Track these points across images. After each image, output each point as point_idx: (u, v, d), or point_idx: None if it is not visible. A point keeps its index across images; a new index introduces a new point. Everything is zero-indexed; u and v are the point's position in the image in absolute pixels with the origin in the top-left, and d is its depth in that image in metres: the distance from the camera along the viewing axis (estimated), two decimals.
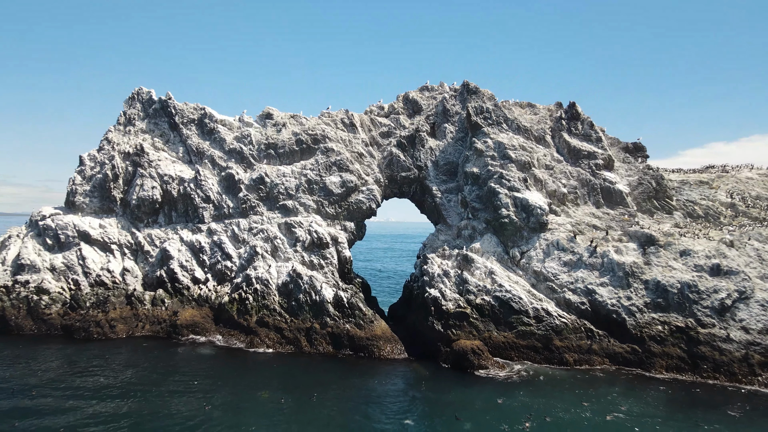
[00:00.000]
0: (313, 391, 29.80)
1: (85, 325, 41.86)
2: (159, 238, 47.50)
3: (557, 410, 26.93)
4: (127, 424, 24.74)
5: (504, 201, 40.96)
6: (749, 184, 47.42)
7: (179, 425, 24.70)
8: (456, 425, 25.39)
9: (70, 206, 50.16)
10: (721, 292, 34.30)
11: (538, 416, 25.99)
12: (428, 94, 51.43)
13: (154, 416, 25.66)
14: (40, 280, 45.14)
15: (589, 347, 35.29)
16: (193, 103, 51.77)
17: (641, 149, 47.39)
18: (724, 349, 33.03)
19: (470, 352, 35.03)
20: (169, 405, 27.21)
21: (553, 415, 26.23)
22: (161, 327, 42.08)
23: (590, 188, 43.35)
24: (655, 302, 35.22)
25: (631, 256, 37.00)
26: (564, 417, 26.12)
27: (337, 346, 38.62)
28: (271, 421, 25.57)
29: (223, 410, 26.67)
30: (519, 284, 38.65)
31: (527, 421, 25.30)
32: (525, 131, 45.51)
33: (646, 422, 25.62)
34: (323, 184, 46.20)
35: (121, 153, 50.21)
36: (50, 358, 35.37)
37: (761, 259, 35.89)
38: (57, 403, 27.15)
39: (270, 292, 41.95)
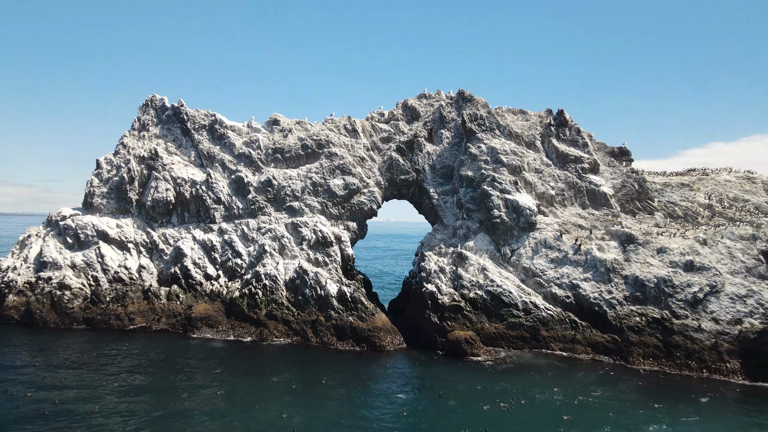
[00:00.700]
0: (322, 375, 32.88)
1: (105, 318, 44.94)
2: (173, 237, 50.52)
3: (533, 393, 29.86)
4: (147, 405, 27.77)
5: (496, 202, 44.03)
6: (727, 187, 50.50)
7: (195, 406, 27.73)
8: (439, 402, 28.58)
9: (88, 207, 53.19)
10: (694, 286, 37.38)
11: (515, 397, 28.88)
12: (426, 101, 54.50)
13: (172, 398, 28.67)
14: (62, 276, 48.19)
15: (573, 337, 38.36)
16: (204, 110, 54.82)
17: (626, 153, 50.43)
18: (696, 338, 36.10)
19: (464, 342, 38.12)
20: (184, 388, 30.25)
21: (528, 397, 29.13)
22: (177, 320, 45.11)
23: (577, 190, 46.42)
24: (634, 296, 38.31)
25: (612, 253, 40.08)
26: (539, 398, 29.05)
27: (341, 337, 41.66)
28: (282, 400, 28.63)
29: (234, 394, 29.72)
30: (509, 280, 41.72)
31: (502, 401, 28.25)
32: (516, 137, 48.57)
33: (612, 404, 28.56)
34: (327, 186, 49.24)
35: (137, 157, 53.24)
36: (74, 348, 38.41)
37: (732, 256, 38.98)
38: (85, 388, 30.17)
39: (278, 288, 45.00)
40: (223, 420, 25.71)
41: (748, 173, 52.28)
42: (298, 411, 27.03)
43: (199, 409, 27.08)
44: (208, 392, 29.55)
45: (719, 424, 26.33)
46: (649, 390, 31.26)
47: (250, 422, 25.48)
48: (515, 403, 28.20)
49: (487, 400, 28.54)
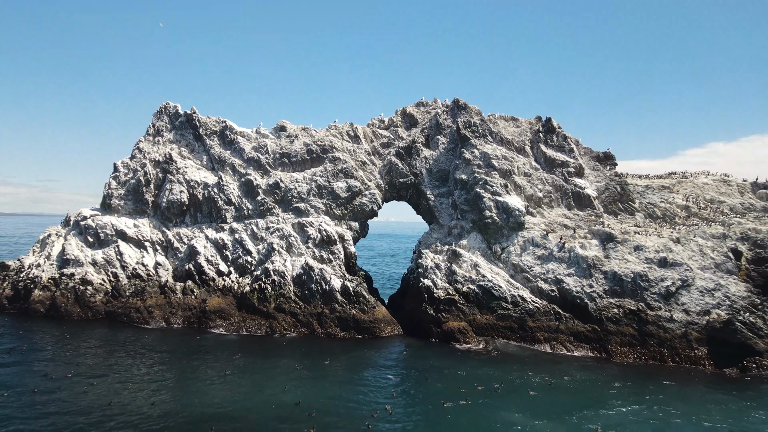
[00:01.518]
0: (325, 359, 36.45)
1: (126, 311, 48.46)
2: (186, 236, 54.06)
3: (513, 377, 33.29)
4: (169, 382, 31.35)
5: (488, 204, 47.59)
6: (704, 189, 54.09)
7: (207, 385, 31.29)
8: (426, 383, 32.18)
9: (106, 208, 56.75)
10: (667, 280, 40.96)
11: (495, 381, 32.33)
12: (423, 109, 58.06)
13: (186, 381, 32.22)
14: (84, 272, 51.75)
15: (557, 327, 41.92)
16: (215, 117, 58.35)
17: (610, 158, 53.99)
18: (668, 327, 39.66)
19: (457, 332, 41.71)
20: (196, 373, 33.82)
21: (508, 381, 32.54)
22: (192, 312, 48.62)
23: (563, 193, 49.98)
24: (612, 289, 41.88)
25: (593, 250, 43.64)
26: (516, 382, 32.43)
27: (345, 327, 45.21)
28: (288, 377, 32.22)
29: (245, 374, 33.29)
30: (499, 275, 45.29)
31: (480, 384, 31.69)
32: (507, 143, 52.13)
33: (584, 387, 32.03)
34: (331, 188, 52.79)
35: (152, 161, 56.79)
36: (100, 338, 41.99)
37: (702, 253, 42.56)
38: (115, 372, 33.74)
39: (286, 283, 48.55)
40: (235, 392, 29.26)
41: (724, 176, 55.84)
42: (302, 387, 30.64)
43: (214, 385, 30.65)
44: (220, 371, 33.12)
45: (682, 401, 29.84)
46: (621, 375, 34.83)
47: (259, 395, 29.03)
48: (493, 386, 31.64)
49: (467, 383, 31.94)
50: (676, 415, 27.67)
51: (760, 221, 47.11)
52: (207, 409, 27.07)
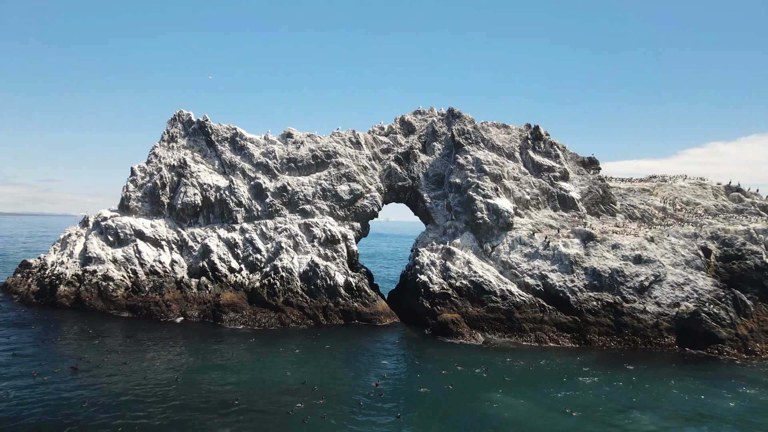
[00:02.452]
0: (326, 344, 40.59)
1: (146, 305, 52.50)
2: (200, 235, 58.11)
3: (497, 363, 37.23)
4: (187, 366, 35.46)
5: (479, 206, 51.66)
6: (681, 192, 58.22)
7: (223, 367, 35.39)
8: (414, 366, 36.32)
9: (124, 209, 60.81)
10: (641, 276, 45.07)
11: (481, 366, 36.28)
12: (420, 117, 62.14)
13: (205, 363, 36.36)
14: (105, 269, 55.81)
15: (542, 318, 45.99)
16: (226, 124, 62.40)
17: (595, 163, 58.07)
18: (641, 318, 43.77)
19: (450, 323, 45.78)
20: (213, 356, 37.94)
21: (492, 365, 36.47)
22: (207, 306, 52.64)
23: (549, 195, 54.07)
24: (592, 284, 45.98)
25: (575, 248, 47.73)
26: (499, 366, 36.36)
27: (348, 319, 49.29)
28: (286, 358, 36.33)
29: (254, 357, 37.40)
30: (490, 271, 49.37)
31: (460, 365, 35.71)
32: (498, 149, 56.20)
33: (561, 371, 35.97)
34: (335, 191, 56.87)
35: (167, 165, 60.84)
36: (124, 330, 46.08)
37: (674, 251, 46.68)
38: (139, 360, 37.86)
39: (293, 279, 52.63)
40: (248, 373, 33.36)
41: (700, 180, 59.99)
42: (304, 367, 34.76)
43: (230, 367, 34.76)
44: (234, 356, 37.25)
45: (649, 381, 33.88)
46: (597, 360, 38.92)
47: (270, 375, 33.12)
48: (477, 369, 35.68)
49: (454, 367, 35.89)
50: (642, 392, 31.68)
51: (729, 222, 51.23)
52: (224, 386, 31.10)
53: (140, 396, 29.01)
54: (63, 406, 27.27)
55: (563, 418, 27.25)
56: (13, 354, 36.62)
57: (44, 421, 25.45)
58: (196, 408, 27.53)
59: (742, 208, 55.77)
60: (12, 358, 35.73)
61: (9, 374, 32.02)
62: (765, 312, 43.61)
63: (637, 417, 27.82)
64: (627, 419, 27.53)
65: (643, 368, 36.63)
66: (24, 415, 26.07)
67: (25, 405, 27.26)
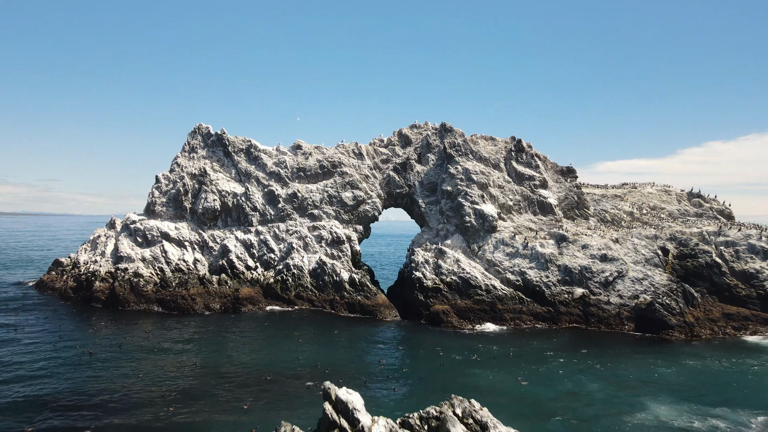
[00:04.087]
0: (334, 330, 47.55)
1: (173, 299, 59.36)
2: (219, 237, 65.02)
3: (481, 347, 44.20)
4: (208, 343, 42.36)
5: (467, 211, 58.61)
6: (649, 197, 65.21)
7: (244, 351, 42.28)
8: (410, 350, 43.23)
9: (150, 213, 67.68)
10: (606, 272, 52.05)
11: (467, 350, 43.16)
12: (416, 130, 69.09)
13: (218, 346, 43.25)
14: (135, 267, 62.66)
15: (520, 309, 52.96)
16: (241, 137, 69.30)
17: (572, 172, 65.04)
18: (606, 308, 50.76)
19: (441, 313, 52.72)
20: (224, 341, 44.87)
21: (476, 349, 43.34)
22: (227, 299, 59.57)
23: (529, 202, 61.04)
24: (564, 279, 52.96)
25: (550, 248, 54.71)
26: (481, 350, 43.35)
27: (352, 311, 56.20)
28: (299, 345, 43.20)
29: (270, 342, 44.35)
30: (476, 268, 56.33)
31: (439, 349, 42.61)
32: (485, 160, 63.17)
33: (534, 352, 42.93)
34: (340, 198, 63.78)
35: (189, 174, 67.73)
36: (155, 320, 52.97)
37: (636, 251, 53.66)
38: (169, 342, 44.79)
39: (304, 275, 59.57)
40: (267, 355, 40.27)
41: (665, 187, 67.01)
42: (313, 349, 41.66)
43: (252, 350, 41.70)
44: (254, 340, 44.21)
45: (608, 359, 40.80)
46: (566, 343, 45.84)
47: (282, 357, 40.00)
48: (464, 352, 42.70)
49: (445, 351, 42.80)
50: (598, 366, 38.58)
51: (686, 225, 58.24)
52: (246, 367, 38.00)
53: (177, 369, 35.93)
54: (117, 377, 34.06)
55: (516, 386, 33.97)
56: (60, 337, 43.37)
57: (106, 388, 32.13)
58: (227, 381, 34.44)
59: (701, 213, 62.78)
60: (59, 340, 42.46)
61: (64, 356, 38.50)
62: (711, 303, 50.67)
63: (585, 383, 34.81)
64: (576, 386, 34.46)
65: (603, 349, 43.59)
66: (88, 385, 32.79)
67: (85, 377, 34.10)
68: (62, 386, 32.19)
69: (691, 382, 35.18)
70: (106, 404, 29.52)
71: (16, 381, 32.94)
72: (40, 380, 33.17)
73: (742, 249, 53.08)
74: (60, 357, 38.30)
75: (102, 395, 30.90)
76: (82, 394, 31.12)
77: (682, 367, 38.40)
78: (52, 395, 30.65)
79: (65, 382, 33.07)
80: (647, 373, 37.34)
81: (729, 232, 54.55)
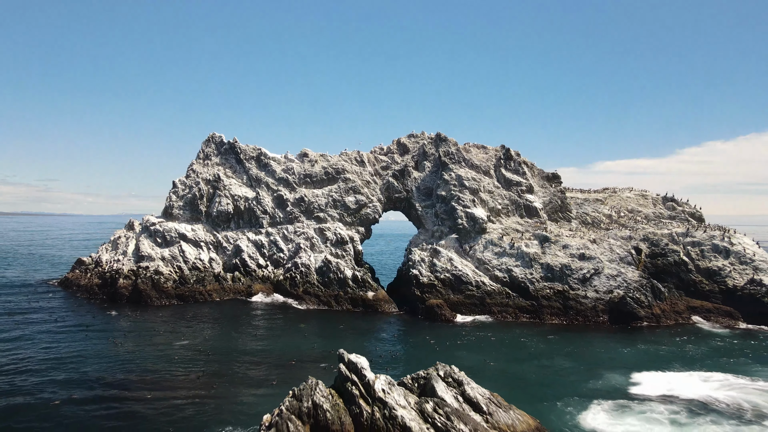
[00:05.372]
0: (340, 324, 53.30)
1: (192, 294, 65.09)
2: (232, 238, 70.74)
3: (470, 336, 49.98)
4: (223, 330, 48.07)
5: (460, 214, 64.35)
6: (627, 201, 70.98)
7: (261, 339, 48.00)
8: (408, 339, 48.92)
9: (168, 216, 73.37)
10: (584, 269, 57.78)
11: (457, 338, 48.84)
12: (413, 139, 74.84)
13: (225, 342, 48.97)
14: (156, 266, 68.37)
15: (507, 303, 58.68)
16: (252, 145, 75.05)
17: (557, 177, 70.78)
18: (583, 302, 56.47)
19: (436, 307, 58.40)
20: (237, 330, 50.59)
21: (466, 338, 49.13)
22: (241, 294, 65.30)
23: (517, 205, 66.79)
24: (546, 276, 58.70)
25: (534, 248, 60.45)
26: (469, 338, 49.11)
27: (355, 305, 61.91)
28: (309, 333, 48.90)
29: (281, 332, 50.09)
30: (467, 266, 62.07)
31: (447, 341, 48.31)
32: (476, 167, 68.93)
33: (518, 339, 48.78)
34: (343, 202, 69.51)
35: (204, 180, 73.47)
36: (175, 312, 58.71)
37: (611, 250, 59.39)
38: (187, 327, 50.52)
39: (310, 273, 65.28)
40: (281, 343, 45.98)
41: (642, 191, 72.80)
42: (324, 338, 47.38)
43: (260, 339, 47.41)
44: (264, 327, 49.94)
45: (579, 345, 46.53)
46: (546, 332, 51.58)
47: (294, 342, 45.70)
48: (454, 340, 48.42)
49: (438, 339, 48.58)
50: (570, 349, 44.33)
51: (658, 226, 64.01)
52: (268, 354, 43.70)
53: (204, 354, 41.60)
54: (153, 359, 39.71)
55: (484, 366, 39.44)
56: (87, 328, 48.87)
57: (133, 370, 37.57)
58: (254, 363, 40.14)
59: (674, 215, 68.56)
60: (87, 330, 47.97)
61: (93, 344, 43.95)
62: (677, 297, 56.46)
63: (554, 359, 40.64)
64: (546, 361, 40.21)
65: (576, 336, 49.36)
66: (116, 368, 38.11)
67: (116, 361, 39.59)
68: (104, 365, 37.80)
69: (642, 359, 41.05)
70: (147, 381, 34.99)
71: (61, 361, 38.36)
72: (82, 361, 38.63)
73: (706, 248, 58.86)
74: (93, 343, 43.84)
75: (144, 374, 36.49)
76: (124, 371, 36.80)
77: (638, 349, 44.23)
78: (98, 373, 36.13)
79: (105, 362, 38.70)
80: (609, 353, 43.22)
81: (696, 234, 60.33)
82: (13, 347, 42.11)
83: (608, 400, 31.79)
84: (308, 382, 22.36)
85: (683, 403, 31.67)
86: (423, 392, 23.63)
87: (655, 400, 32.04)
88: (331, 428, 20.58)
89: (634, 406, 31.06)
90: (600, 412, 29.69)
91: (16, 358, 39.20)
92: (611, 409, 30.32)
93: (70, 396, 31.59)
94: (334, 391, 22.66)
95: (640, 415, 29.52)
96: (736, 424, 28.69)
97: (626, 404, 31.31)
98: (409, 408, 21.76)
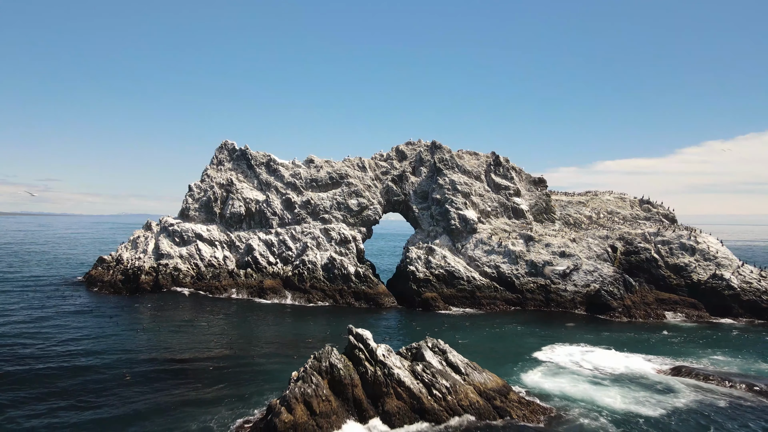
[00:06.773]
0: (348, 321, 59.58)
1: (209, 288, 71.34)
2: (244, 237, 76.97)
3: (461, 324, 56.24)
4: (236, 324, 54.31)
5: (453, 216, 70.62)
6: (607, 204, 77.23)
7: (274, 329, 54.28)
8: (405, 328, 55.15)
9: (184, 217, 79.63)
10: (564, 265, 64.06)
11: (449, 326, 55.17)
12: (411, 146, 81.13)
13: (245, 329, 55.23)
14: (175, 263, 74.65)
15: (495, 296, 64.96)
16: (262, 152, 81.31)
17: (543, 182, 77.03)
18: (563, 295, 62.75)
19: (430, 300, 64.72)
20: (249, 326, 56.84)
21: (458, 326, 55.45)
22: (253, 289, 71.53)
23: (505, 208, 73.07)
24: (530, 272, 64.97)
25: (519, 246, 66.72)
26: (460, 326, 55.46)
27: (357, 299, 68.14)
28: (316, 322, 55.15)
29: (292, 324, 56.33)
30: (460, 263, 68.34)
31: (438, 328, 54.64)
32: (468, 173, 75.21)
33: (497, 325, 55.05)
34: (346, 204, 75.77)
35: (218, 184, 79.71)
36: (193, 303, 64.97)
37: (590, 248, 65.67)
38: (201, 321, 56.79)
39: (317, 269, 71.52)
40: (294, 333, 52.22)
41: (621, 194, 79.08)
42: (330, 326, 53.65)
43: (275, 327, 53.66)
44: (269, 320, 56.19)
45: (558, 332, 52.76)
46: (529, 322, 57.85)
47: (303, 327, 51.94)
48: (448, 328, 54.71)
49: (433, 327, 54.91)
50: (546, 332, 50.62)
51: (633, 227, 70.28)
52: (285, 338, 49.92)
53: (225, 338, 47.85)
54: (184, 342, 45.98)
55: (456, 343, 45.50)
56: (111, 317, 54.78)
57: (157, 356, 43.68)
58: (274, 343, 46.35)
59: (649, 216, 74.86)
60: (110, 320, 53.81)
61: (117, 331, 49.90)
62: (647, 290, 62.75)
63: (525, 339, 47.04)
64: (516, 339, 46.64)
65: (551, 322, 55.63)
66: (138, 351, 44.18)
67: (138, 347, 45.72)
68: (140, 348, 43.89)
69: (597, 340, 47.45)
70: (182, 360, 41.23)
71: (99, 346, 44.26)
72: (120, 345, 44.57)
73: (675, 246, 65.15)
74: (124, 331, 49.65)
75: (179, 353, 42.71)
76: (160, 350, 43.00)
77: (600, 335, 50.53)
78: (136, 353, 42.24)
79: (141, 345, 44.84)
80: (571, 335, 49.62)
81: (665, 233, 66.63)
82: (79, 335, 47.46)
83: (551, 366, 39.01)
84: (325, 348, 28.62)
85: (613, 373, 37.83)
86: (415, 358, 29.88)
87: (589, 369, 38.62)
88: (344, 382, 26.82)
89: (570, 371, 38.04)
90: (538, 374, 37.02)
91: (81, 341, 45.08)
92: (550, 372, 37.46)
93: (138, 370, 37.49)
94: (345, 356, 28.89)
95: (569, 376, 36.66)
96: (647, 390, 33.64)
97: (564, 369, 38.39)
98: (403, 369, 28.01)
